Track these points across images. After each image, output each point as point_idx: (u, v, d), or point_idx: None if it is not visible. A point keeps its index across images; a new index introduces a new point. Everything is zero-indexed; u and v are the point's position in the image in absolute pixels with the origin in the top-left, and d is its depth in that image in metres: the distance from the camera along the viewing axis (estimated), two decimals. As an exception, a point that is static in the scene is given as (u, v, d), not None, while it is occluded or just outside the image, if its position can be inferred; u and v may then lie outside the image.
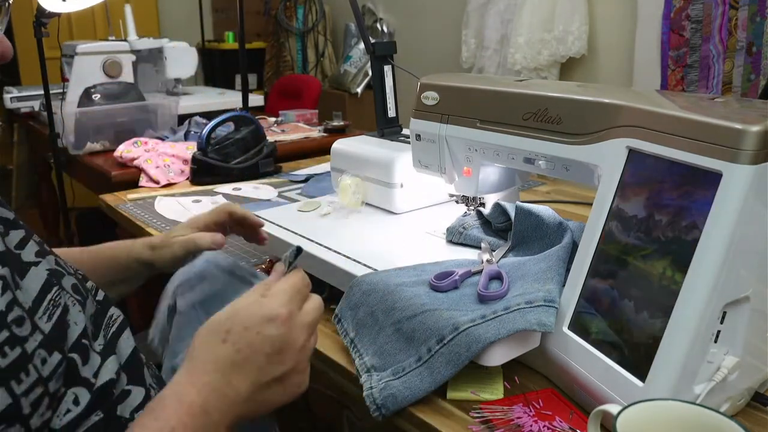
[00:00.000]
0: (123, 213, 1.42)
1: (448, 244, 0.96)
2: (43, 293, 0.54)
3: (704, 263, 0.58)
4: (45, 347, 0.50)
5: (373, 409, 0.68)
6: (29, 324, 0.50)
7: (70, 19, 3.82)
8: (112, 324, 0.63)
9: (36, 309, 0.52)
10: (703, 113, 0.62)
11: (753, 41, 2.27)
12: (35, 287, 0.54)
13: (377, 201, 1.13)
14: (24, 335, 0.49)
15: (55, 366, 0.51)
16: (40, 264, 0.57)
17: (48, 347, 0.51)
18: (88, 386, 0.54)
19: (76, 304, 0.58)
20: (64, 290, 0.58)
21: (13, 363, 0.47)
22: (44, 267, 0.58)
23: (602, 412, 0.56)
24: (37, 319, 0.52)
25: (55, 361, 0.51)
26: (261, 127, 1.75)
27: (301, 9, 4.16)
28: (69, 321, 0.56)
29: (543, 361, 0.73)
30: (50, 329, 0.52)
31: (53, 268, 0.59)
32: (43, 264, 0.58)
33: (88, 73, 2.40)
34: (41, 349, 0.50)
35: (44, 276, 0.56)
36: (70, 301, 0.58)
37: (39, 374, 0.49)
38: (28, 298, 0.53)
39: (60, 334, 0.53)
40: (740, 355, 0.62)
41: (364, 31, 1.30)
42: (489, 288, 0.76)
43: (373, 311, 0.77)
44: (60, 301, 0.55)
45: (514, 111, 0.85)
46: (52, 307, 0.54)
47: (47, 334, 0.52)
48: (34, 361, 0.49)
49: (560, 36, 2.74)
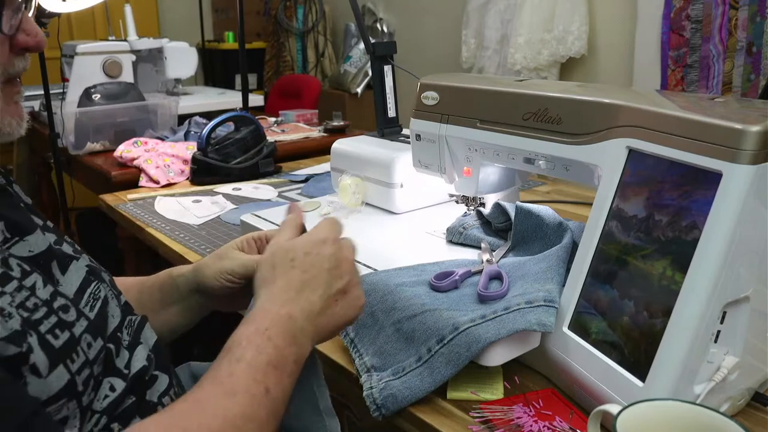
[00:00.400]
0: (123, 213, 1.42)
1: (448, 244, 0.96)
2: (84, 286, 0.59)
3: (704, 263, 0.58)
4: (90, 332, 0.55)
5: (373, 409, 0.68)
6: (74, 311, 0.54)
7: (70, 19, 3.82)
8: (134, 323, 0.66)
9: (78, 300, 0.57)
10: (703, 113, 0.62)
11: (753, 41, 2.27)
12: (76, 282, 0.59)
13: (377, 201, 1.13)
14: (71, 320, 0.53)
15: (98, 351, 0.55)
16: (80, 259, 0.62)
17: (93, 333, 0.55)
18: (121, 376, 0.58)
19: (114, 298, 0.64)
20: (104, 283, 0.63)
21: (66, 344, 0.51)
22: (83, 263, 0.62)
23: (602, 412, 0.56)
24: (82, 307, 0.56)
25: (98, 346, 0.55)
26: (261, 127, 1.75)
27: (301, 9, 4.16)
28: (108, 312, 0.61)
29: (543, 361, 0.73)
30: (94, 317, 0.57)
31: (90, 264, 0.64)
32: (81, 260, 0.63)
33: (88, 73, 2.40)
34: (87, 333, 0.54)
35: (83, 272, 0.61)
36: (109, 294, 0.63)
37: (86, 357, 0.53)
38: (70, 290, 0.57)
39: (102, 322, 0.58)
40: (740, 355, 0.62)
41: (364, 31, 1.30)
42: (489, 288, 0.77)
43: (373, 311, 0.77)
44: (99, 294, 0.61)
45: (514, 111, 0.85)
46: (93, 300, 0.59)
47: (92, 320, 0.56)
48: (81, 344, 0.53)
49: (560, 36, 2.74)
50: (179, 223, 1.34)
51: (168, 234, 1.27)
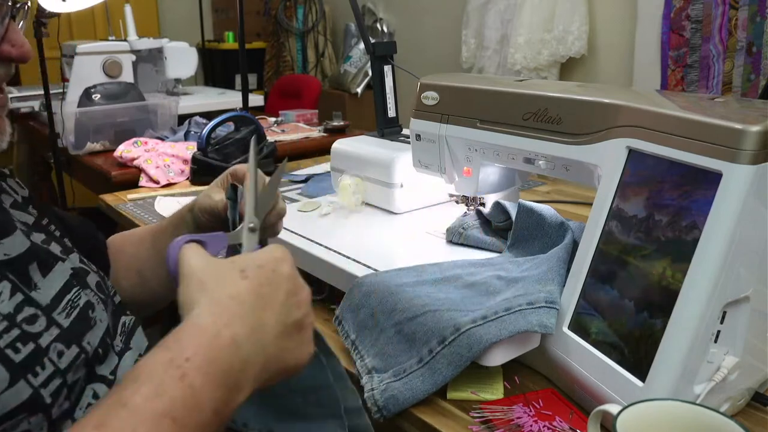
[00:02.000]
0: (123, 213, 1.42)
1: (448, 244, 0.96)
2: (63, 293, 0.57)
3: (704, 263, 0.58)
4: (62, 341, 0.52)
5: (375, 411, 0.68)
6: (44, 320, 0.52)
7: (70, 19, 3.82)
8: (128, 324, 0.65)
9: (54, 306, 0.55)
10: (703, 113, 0.62)
11: (753, 41, 2.27)
12: (56, 286, 0.57)
13: (377, 201, 1.13)
14: (38, 331, 0.51)
15: (73, 358, 0.53)
16: (66, 261, 0.60)
17: (66, 341, 0.53)
18: (106, 382, 0.56)
19: (100, 303, 0.61)
20: (87, 288, 0.60)
21: (29, 357, 0.49)
22: (69, 265, 0.60)
23: (602, 412, 0.56)
24: (55, 315, 0.54)
25: (72, 354, 0.53)
26: (261, 127, 1.75)
27: (301, 9, 4.16)
28: (95, 318, 0.58)
29: (543, 361, 0.73)
30: (69, 324, 0.54)
31: (78, 266, 0.62)
32: (68, 262, 0.60)
33: (88, 73, 2.40)
34: (57, 342, 0.52)
35: (67, 275, 0.59)
36: (94, 299, 0.60)
37: (56, 366, 0.50)
38: (47, 296, 0.55)
39: (79, 329, 0.55)
40: (740, 355, 0.62)
41: (364, 31, 1.30)
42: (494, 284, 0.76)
43: (373, 313, 0.77)
44: (78, 302, 0.57)
45: (514, 111, 0.85)
46: (70, 307, 0.56)
47: (65, 328, 0.54)
48: (50, 354, 0.50)
49: (560, 36, 2.74)
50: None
51: (168, 234, 1.27)
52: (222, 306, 0.46)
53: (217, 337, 0.44)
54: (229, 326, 0.45)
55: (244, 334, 0.46)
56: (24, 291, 0.53)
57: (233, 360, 0.44)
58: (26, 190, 0.66)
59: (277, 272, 0.50)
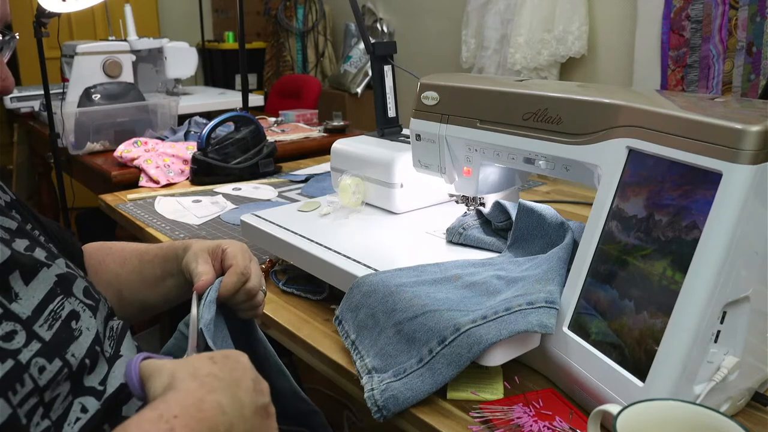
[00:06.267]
0: (123, 213, 1.42)
1: (448, 244, 0.96)
2: (45, 303, 0.55)
3: (704, 263, 0.58)
4: (44, 355, 0.51)
5: (374, 411, 0.68)
6: (24, 335, 0.51)
7: (70, 19, 3.82)
8: (117, 328, 0.64)
9: (36, 319, 0.53)
10: (703, 113, 0.62)
11: (753, 41, 2.27)
12: (39, 295, 0.55)
13: (377, 201, 1.13)
14: (17, 347, 0.49)
15: (55, 373, 0.51)
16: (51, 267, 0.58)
17: (48, 354, 0.51)
18: (95, 394, 0.55)
19: (86, 310, 0.59)
20: (72, 297, 0.59)
21: (7, 375, 0.47)
22: (55, 271, 0.58)
23: (602, 412, 0.56)
24: (36, 327, 0.52)
25: (55, 368, 0.51)
26: (261, 127, 1.75)
27: (301, 9, 4.16)
28: (79, 328, 0.56)
29: (543, 361, 0.73)
30: (51, 337, 0.53)
31: (64, 272, 0.60)
32: (54, 268, 0.59)
33: (88, 73, 2.40)
34: (39, 357, 0.50)
35: (51, 283, 0.57)
36: (79, 307, 0.58)
37: (35, 383, 0.49)
38: (28, 307, 0.53)
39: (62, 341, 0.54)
40: (740, 355, 0.62)
41: (364, 31, 1.30)
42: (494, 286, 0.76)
43: (373, 312, 0.77)
44: (61, 313, 0.56)
45: (514, 111, 0.85)
46: (53, 319, 0.55)
47: (47, 341, 0.52)
48: (30, 370, 0.49)
49: (560, 36, 2.74)
50: (179, 223, 1.34)
51: (168, 234, 1.27)
52: (201, 380, 0.48)
53: (203, 401, 0.46)
54: (212, 393, 0.47)
55: (227, 403, 0.47)
56: (3, 304, 0.51)
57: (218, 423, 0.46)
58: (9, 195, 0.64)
59: (241, 362, 0.53)
